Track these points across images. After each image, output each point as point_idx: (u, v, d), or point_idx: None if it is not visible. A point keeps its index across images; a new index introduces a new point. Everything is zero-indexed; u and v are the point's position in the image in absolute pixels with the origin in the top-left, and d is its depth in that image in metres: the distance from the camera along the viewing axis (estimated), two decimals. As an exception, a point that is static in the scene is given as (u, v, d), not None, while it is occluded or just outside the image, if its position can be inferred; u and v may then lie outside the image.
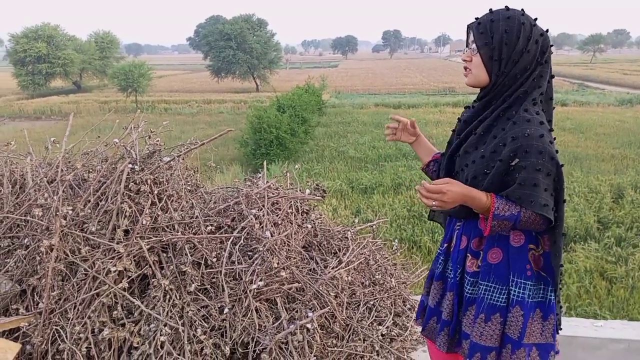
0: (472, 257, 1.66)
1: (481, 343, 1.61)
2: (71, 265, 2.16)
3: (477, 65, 1.59)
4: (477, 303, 1.64)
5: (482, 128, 1.63)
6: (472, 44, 1.59)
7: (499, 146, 1.54)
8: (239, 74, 49.23)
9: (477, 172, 1.59)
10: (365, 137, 21.62)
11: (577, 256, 9.56)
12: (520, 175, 1.51)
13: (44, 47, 44.41)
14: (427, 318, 1.83)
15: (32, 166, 2.60)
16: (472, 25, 1.60)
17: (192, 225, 2.36)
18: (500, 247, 1.61)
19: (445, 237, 1.81)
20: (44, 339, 2.02)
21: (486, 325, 1.60)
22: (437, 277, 1.80)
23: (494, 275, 1.60)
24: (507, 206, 1.52)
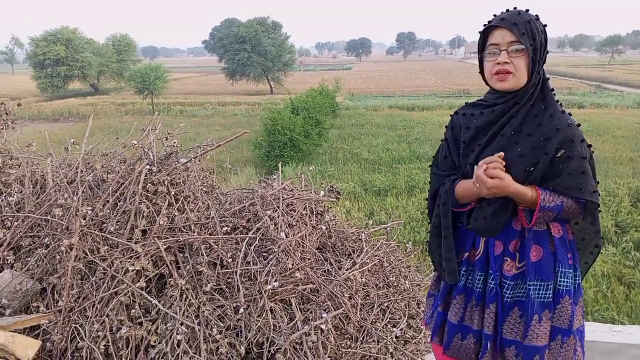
0: (510, 259, 1.60)
1: (538, 344, 1.56)
2: (90, 264, 2.21)
3: (520, 68, 1.54)
4: (525, 305, 1.58)
5: (510, 128, 1.57)
6: (512, 44, 1.52)
7: (541, 141, 1.53)
8: (253, 77, 49.53)
9: (517, 172, 1.53)
10: (378, 139, 21.59)
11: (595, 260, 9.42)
12: (569, 165, 1.52)
13: (63, 50, 45.23)
14: (450, 336, 1.70)
15: (52, 167, 2.65)
16: (506, 25, 1.53)
17: (208, 225, 2.38)
18: (539, 243, 1.59)
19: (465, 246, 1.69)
20: (64, 337, 2.06)
21: (540, 325, 1.57)
22: (459, 291, 1.68)
23: (538, 273, 1.57)
24: (551, 197, 1.54)
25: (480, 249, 1.64)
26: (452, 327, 1.69)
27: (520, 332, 1.59)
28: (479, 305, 1.64)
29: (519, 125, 1.57)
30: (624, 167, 16.51)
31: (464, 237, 1.70)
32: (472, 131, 1.65)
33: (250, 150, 19.94)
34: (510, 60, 1.53)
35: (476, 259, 1.65)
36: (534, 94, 1.57)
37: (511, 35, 1.52)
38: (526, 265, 1.58)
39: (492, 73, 1.57)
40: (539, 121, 1.55)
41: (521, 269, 1.59)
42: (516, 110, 1.58)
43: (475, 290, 1.64)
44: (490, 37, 1.57)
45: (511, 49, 1.53)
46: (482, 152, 1.60)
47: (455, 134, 1.72)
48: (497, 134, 1.59)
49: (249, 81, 50.06)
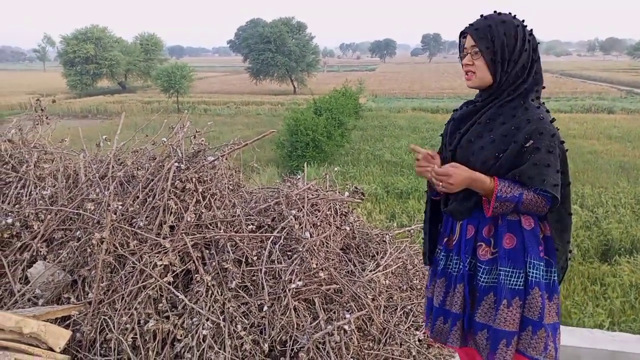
0: (485, 245, 1.67)
1: (505, 329, 1.62)
2: (120, 258, 2.26)
3: (480, 68, 1.67)
4: (497, 290, 1.64)
5: (485, 117, 1.69)
6: (473, 48, 1.66)
7: (511, 129, 1.62)
8: (277, 77, 49.79)
9: (487, 156, 1.63)
10: (401, 141, 21.44)
11: (622, 270, 9.17)
12: (534, 156, 1.59)
13: (92, 49, 46.25)
14: (434, 319, 1.80)
15: (84, 162, 2.72)
16: (469, 31, 1.68)
17: (234, 223, 2.42)
18: (513, 232, 1.65)
19: (445, 232, 1.80)
20: (93, 328, 2.12)
21: (508, 310, 1.63)
22: (439, 275, 1.79)
23: (511, 260, 1.64)
24: (509, 188, 1.60)
25: (456, 234, 1.74)
26: (435, 310, 1.79)
27: (492, 316, 1.66)
28: (454, 290, 1.73)
29: (494, 115, 1.68)
30: (655, 175, 16.01)
31: (446, 225, 1.80)
32: (456, 122, 1.81)
33: (273, 150, 20.04)
34: (473, 62, 1.67)
35: (453, 243, 1.75)
36: (516, 90, 1.67)
37: (471, 40, 1.67)
38: (498, 251, 1.65)
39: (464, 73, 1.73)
40: (513, 112, 1.66)
41: (495, 255, 1.66)
42: (494, 103, 1.69)
43: (452, 274, 1.74)
44: (463, 42, 1.74)
45: (472, 51, 1.67)
46: (461, 139, 1.73)
47: (446, 129, 1.87)
48: (475, 122, 1.72)
49: (272, 81, 50.34)
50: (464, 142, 1.71)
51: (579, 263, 9.50)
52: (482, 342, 1.68)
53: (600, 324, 7.26)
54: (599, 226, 10.94)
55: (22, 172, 2.70)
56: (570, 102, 35.64)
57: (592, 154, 18.83)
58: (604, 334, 2.66)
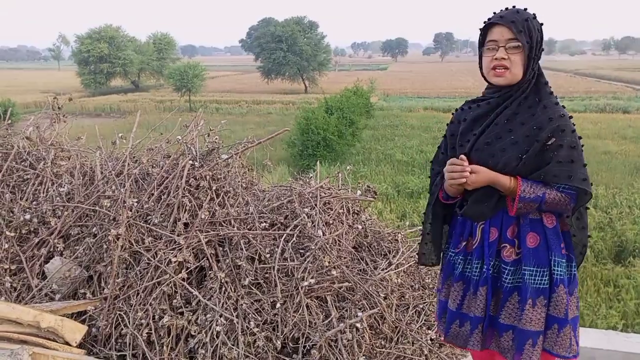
0: (509, 246, 1.64)
1: (531, 329, 1.61)
2: (135, 254, 2.29)
3: (515, 64, 1.61)
4: (521, 290, 1.62)
5: (503, 117, 1.64)
6: (510, 42, 1.59)
7: (533, 129, 1.59)
8: (289, 76, 49.88)
9: (510, 158, 1.59)
10: (413, 140, 21.37)
11: (636, 271, 9.06)
12: (557, 154, 1.57)
13: (106, 48, 46.74)
14: (449, 322, 1.77)
15: (100, 160, 2.76)
16: (505, 23, 1.59)
17: (247, 221, 2.44)
18: (536, 231, 1.63)
19: (462, 236, 1.75)
20: (108, 323, 2.15)
21: (534, 310, 1.61)
22: (456, 278, 1.75)
23: (534, 259, 1.62)
24: (532, 188, 1.58)
25: (477, 237, 1.69)
26: (450, 314, 1.76)
27: (517, 316, 1.64)
28: (475, 293, 1.69)
29: (513, 115, 1.63)
30: (671, 176, 15.78)
31: (462, 227, 1.75)
32: (467, 123, 1.73)
33: (284, 149, 20.08)
34: (508, 56, 1.59)
35: (473, 247, 1.70)
36: (529, 87, 1.64)
37: (509, 33, 1.59)
38: (522, 251, 1.63)
39: (490, 68, 1.64)
40: (532, 112, 1.63)
41: (519, 255, 1.64)
42: (510, 102, 1.65)
43: (472, 278, 1.70)
44: (489, 34, 1.63)
45: (509, 45, 1.59)
46: (477, 140, 1.67)
47: (452, 129, 1.79)
48: (491, 123, 1.66)
49: (284, 80, 50.44)
50: (480, 145, 1.65)
51: (592, 264, 9.40)
52: (507, 343, 1.65)
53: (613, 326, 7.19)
54: (613, 227, 10.82)
55: (40, 169, 2.75)
56: (585, 101, 35.21)
57: (607, 154, 18.60)
58: (618, 335, 2.63)
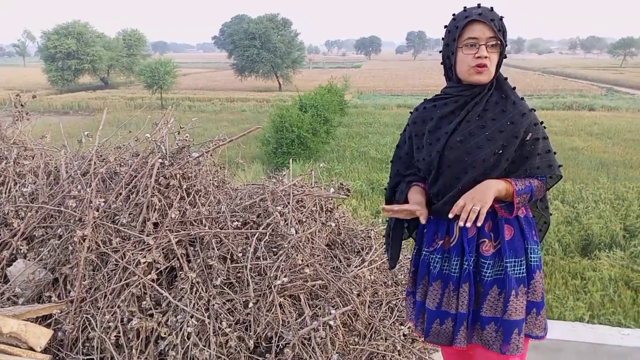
0: (487, 240, 1.67)
1: (517, 318, 1.64)
2: (102, 255, 2.23)
3: (493, 62, 1.63)
4: (504, 282, 1.64)
5: (474, 114, 1.65)
6: (490, 39, 1.59)
7: (508, 125, 1.61)
8: (262, 73, 49.56)
9: (487, 154, 1.61)
10: (386, 138, 21.54)
11: (602, 264, 9.36)
12: (537, 147, 1.63)
13: (74, 44, 45.50)
14: (429, 322, 1.75)
15: (66, 159, 2.68)
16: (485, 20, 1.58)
17: (219, 220, 2.40)
18: (510, 222, 1.67)
19: (437, 234, 1.75)
20: (75, 327, 2.09)
21: (517, 299, 1.64)
22: (434, 277, 1.74)
23: (512, 250, 1.65)
24: (521, 182, 1.63)
25: (455, 235, 1.69)
26: (430, 314, 1.75)
27: (499, 308, 1.66)
28: (456, 290, 1.70)
29: (483, 112, 1.65)
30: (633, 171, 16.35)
31: (436, 226, 1.75)
32: (435, 121, 1.71)
33: (258, 147, 19.97)
34: (488, 55, 1.60)
35: (451, 245, 1.70)
36: (493, 84, 1.67)
37: (490, 31, 1.59)
38: (501, 243, 1.65)
39: (471, 65, 1.62)
40: (501, 107, 1.65)
41: (497, 247, 1.67)
42: (479, 98, 1.66)
43: (452, 275, 1.70)
44: (468, 31, 1.61)
45: (489, 43, 1.60)
46: (449, 139, 1.66)
47: (416, 130, 1.77)
48: (462, 120, 1.66)
49: (257, 77, 50.10)
50: (453, 143, 1.65)
51: (560, 258, 9.67)
52: (490, 335, 1.67)
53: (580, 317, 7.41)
54: (580, 221, 11.15)
55: (1, 169, 2.65)
56: (552, 99, 36.17)
57: (573, 151, 19.14)
58: (584, 327, 2.71)
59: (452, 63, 1.68)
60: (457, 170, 1.64)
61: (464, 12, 1.64)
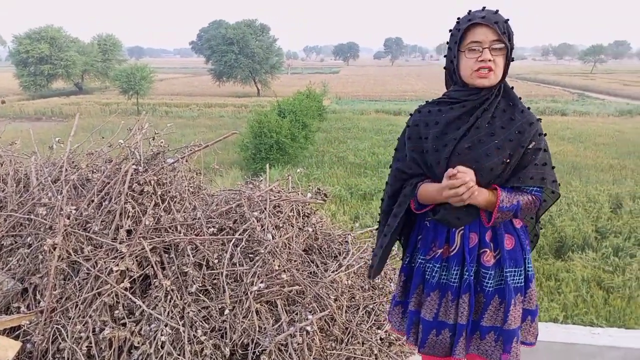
0: (489, 250, 1.65)
1: (514, 327, 1.64)
2: (73, 264, 2.18)
3: (499, 66, 1.59)
4: (504, 292, 1.63)
5: (484, 121, 1.61)
6: (494, 43, 1.56)
7: (516, 134, 1.59)
8: (241, 79, 49.38)
9: (495, 163, 1.58)
10: (365, 143, 21.67)
11: (575, 265, 9.58)
12: (536, 157, 1.61)
13: (47, 49, 44.57)
14: (425, 333, 1.71)
15: (36, 165, 2.62)
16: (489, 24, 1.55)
17: (195, 226, 2.37)
18: (510, 232, 1.67)
19: (434, 243, 1.70)
20: (45, 338, 2.03)
21: (516, 308, 1.65)
22: (432, 287, 1.69)
23: (512, 260, 1.65)
24: (508, 198, 1.60)
25: (456, 244, 1.65)
26: (427, 324, 1.70)
27: (499, 318, 1.66)
28: (455, 300, 1.66)
29: (492, 119, 1.62)
30: (604, 174, 16.80)
31: (434, 234, 1.71)
32: (441, 126, 1.65)
33: (236, 153, 19.85)
34: (492, 58, 1.57)
35: (451, 254, 1.66)
36: (500, 90, 1.65)
37: (493, 34, 1.55)
38: (501, 254, 1.64)
39: (474, 69, 1.59)
40: (509, 115, 1.62)
41: (497, 258, 1.65)
42: (487, 105, 1.62)
43: (451, 285, 1.66)
44: (471, 35, 1.58)
45: (493, 47, 1.56)
46: (457, 145, 1.61)
47: (416, 131, 1.72)
48: (471, 127, 1.61)
49: (236, 83, 49.90)
50: (460, 149, 1.60)
51: (535, 260, 9.85)
52: (490, 344, 1.66)
53: (555, 318, 7.55)
54: (553, 224, 11.39)
55: (-32, 177, 2.57)
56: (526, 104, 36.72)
57: (547, 155, 19.54)
58: (557, 327, 2.76)
59: (455, 67, 1.65)
60: None
61: (468, 15, 1.61)
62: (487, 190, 1.60)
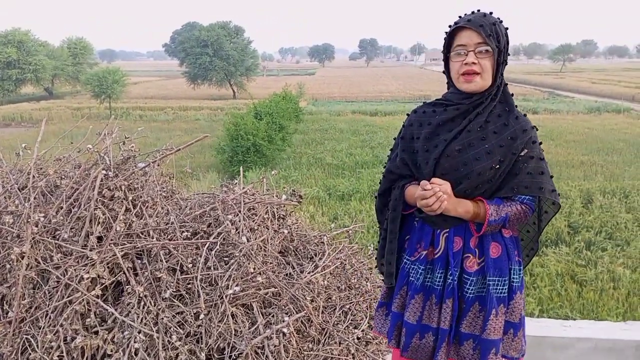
0: (472, 256, 1.63)
1: (494, 338, 1.60)
2: (43, 273, 2.13)
3: (486, 69, 1.57)
4: (485, 300, 1.61)
5: (476, 124, 1.59)
6: (479, 46, 1.55)
7: (508, 140, 1.57)
8: (216, 81, 49.02)
9: (484, 167, 1.56)
10: (342, 144, 21.76)
11: (549, 260, 9.80)
12: (528, 165, 1.58)
13: (14, 53, 43.40)
14: (408, 336, 1.68)
15: (2, 172, 2.55)
16: (473, 27, 1.54)
17: (168, 231, 2.35)
18: (497, 241, 1.64)
19: (420, 244, 1.69)
20: (14, 349, 1.98)
21: (496, 319, 1.61)
22: (416, 290, 1.67)
23: (497, 269, 1.62)
24: (496, 211, 1.58)
25: (440, 246, 1.64)
26: (410, 328, 1.68)
27: (478, 326, 1.63)
28: (439, 303, 1.65)
29: (485, 123, 1.60)
30: (575, 170, 17.25)
31: (420, 234, 1.70)
32: (432, 127, 1.65)
33: (213, 156, 19.70)
34: (477, 61, 1.55)
35: (436, 256, 1.65)
36: (497, 94, 1.63)
37: (478, 37, 1.55)
38: (485, 261, 1.62)
39: (460, 73, 1.58)
40: (503, 121, 1.60)
41: (481, 265, 1.63)
42: (482, 108, 1.61)
43: (435, 288, 1.65)
44: (457, 38, 1.58)
45: (478, 50, 1.56)
46: (447, 147, 1.60)
47: (412, 132, 1.71)
48: (463, 129, 1.60)
49: (211, 86, 49.50)
50: (451, 151, 1.59)
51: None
52: (468, 352, 1.64)
53: (530, 313, 7.71)
54: (528, 220, 11.61)
55: None
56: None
57: (520, 152, 19.94)
58: (530, 321, 2.81)
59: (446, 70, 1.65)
60: (451, 179, 1.58)
61: (458, 19, 1.61)
62: (471, 201, 1.59)
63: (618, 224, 11.56)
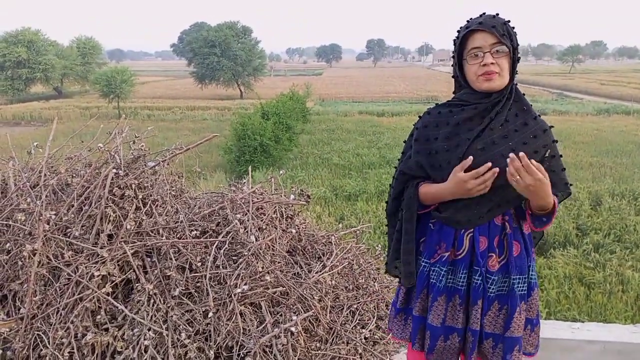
0: (495, 255, 1.63)
1: (517, 335, 1.62)
2: (54, 270, 2.15)
3: (504, 68, 1.59)
4: (508, 298, 1.62)
5: (497, 123, 1.61)
6: (495, 46, 1.57)
7: (531, 138, 1.60)
8: (223, 81, 49.17)
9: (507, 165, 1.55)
10: (349, 144, 21.75)
11: (557, 262, 9.74)
12: (552, 164, 1.63)
13: (24, 52, 43.82)
14: (433, 339, 1.67)
15: (14, 171, 2.58)
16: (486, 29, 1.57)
17: (177, 229, 2.36)
18: (518, 239, 1.65)
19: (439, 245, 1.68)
20: (26, 345, 2.00)
21: (520, 317, 1.62)
22: (439, 292, 1.66)
23: (518, 267, 1.64)
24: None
25: (464, 247, 1.64)
26: (434, 330, 1.68)
27: (500, 325, 1.64)
28: (463, 304, 1.65)
29: (505, 122, 1.62)
30: (584, 172, 17.13)
31: (439, 235, 1.69)
32: (451, 127, 1.65)
33: (220, 155, 19.76)
34: (495, 61, 1.58)
35: (459, 257, 1.64)
36: (512, 93, 1.65)
37: (492, 37, 1.57)
38: (508, 259, 1.62)
39: (478, 74, 1.60)
40: (522, 120, 1.62)
41: (501, 263, 1.63)
42: (500, 107, 1.62)
43: (458, 289, 1.65)
44: (471, 41, 1.60)
45: (494, 50, 1.58)
46: (470, 145, 1.60)
47: (425, 133, 1.70)
48: (485, 128, 1.61)
49: (218, 86, 49.67)
50: (473, 150, 1.59)
51: (518, 257, 9.99)
52: (488, 350, 1.65)
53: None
54: (535, 221, 11.54)
55: (-57, 183, 2.52)
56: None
57: (527, 154, 19.82)
58: (538, 323, 2.81)
59: (460, 74, 1.67)
60: None
61: (467, 23, 1.63)
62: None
63: (627, 227, 11.46)
